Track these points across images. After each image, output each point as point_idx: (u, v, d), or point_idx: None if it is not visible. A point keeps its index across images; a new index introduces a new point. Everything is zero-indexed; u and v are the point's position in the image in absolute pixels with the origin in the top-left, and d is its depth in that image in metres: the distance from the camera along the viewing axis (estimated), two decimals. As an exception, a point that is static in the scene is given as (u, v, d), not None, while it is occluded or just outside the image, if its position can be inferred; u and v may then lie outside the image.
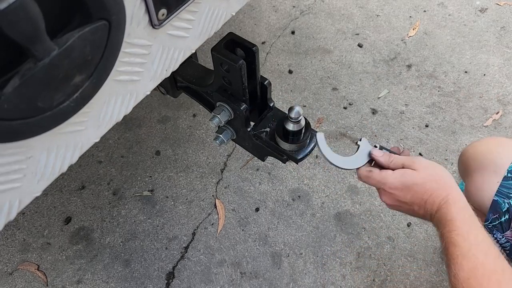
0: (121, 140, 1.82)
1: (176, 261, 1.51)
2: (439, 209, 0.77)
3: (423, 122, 1.81)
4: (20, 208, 0.54)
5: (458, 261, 0.68)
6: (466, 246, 0.69)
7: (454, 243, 0.70)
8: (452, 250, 0.70)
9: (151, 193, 1.67)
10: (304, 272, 1.48)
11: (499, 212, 0.96)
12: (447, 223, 0.74)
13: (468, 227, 0.72)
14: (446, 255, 0.71)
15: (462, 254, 0.68)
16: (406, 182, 0.81)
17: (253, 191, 1.66)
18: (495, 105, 1.84)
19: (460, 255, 0.68)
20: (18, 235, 1.58)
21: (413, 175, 0.81)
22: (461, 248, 0.69)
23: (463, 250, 0.69)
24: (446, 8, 2.24)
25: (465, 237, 0.70)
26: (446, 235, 0.72)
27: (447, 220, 0.74)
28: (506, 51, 2.03)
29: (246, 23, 2.24)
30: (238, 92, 0.91)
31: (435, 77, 1.96)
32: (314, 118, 1.85)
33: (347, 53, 2.08)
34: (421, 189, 0.80)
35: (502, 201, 0.96)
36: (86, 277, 1.49)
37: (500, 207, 0.96)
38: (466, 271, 0.67)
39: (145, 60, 0.62)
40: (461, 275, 0.67)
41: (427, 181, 0.80)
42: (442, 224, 0.75)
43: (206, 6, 0.69)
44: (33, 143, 0.51)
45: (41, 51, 0.43)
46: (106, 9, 0.48)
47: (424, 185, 0.80)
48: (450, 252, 0.70)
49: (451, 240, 0.71)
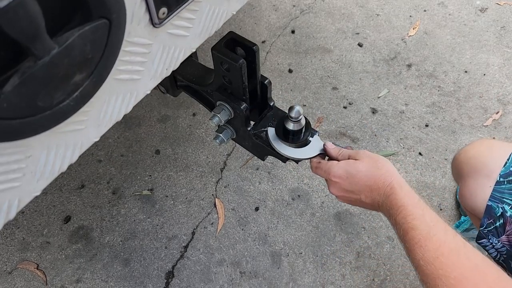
0: (120, 139, 1.81)
1: (175, 260, 1.51)
2: (387, 195, 0.78)
3: (423, 121, 1.81)
4: (19, 207, 0.54)
5: (422, 244, 0.69)
6: (425, 228, 0.70)
7: (413, 227, 0.71)
8: (412, 234, 0.70)
9: (150, 192, 1.66)
10: (303, 271, 1.47)
11: (494, 217, 0.96)
12: (399, 208, 0.75)
13: (421, 210, 0.74)
14: (407, 241, 0.72)
15: (424, 236, 0.69)
16: (350, 170, 0.84)
17: (252, 190, 1.66)
18: (495, 105, 1.84)
19: (422, 238, 0.69)
20: (18, 234, 1.58)
21: (356, 163, 0.84)
22: (421, 230, 0.70)
23: (423, 232, 0.70)
24: (446, 7, 2.24)
25: (421, 220, 0.71)
26: (402, 221, 0.73)
27: (399, 206, 0.75)
28: (506, 51, 2.03)
29: (246, 22, 2.23)
30: (238, 91, 0.91)
31: (435, 76, 1.96)
32: (314, 117, 1.84)
33: (347, 53, 2.07)
34: (365, 176, 0.82)
35: (496, 206, 0.96)
36: (86, 276, 1.49)
37: (494, 212, 0.96)
38: (432, 251, 0.67)
39: (145, 59, 0.62)
40: (428, 255, 0.67)
41: (370, 167, 0.82)
42: (395, 211, 0.75)
43: (207, 5, 0.69)
44: (32, 142, 0.51)
45: (41, 50, 0.43)
46: (106, 8, 0.48)
47: (367, 172, 0.82)
48: (411, 236, 0.71)
49: (409, 225, 0.72)
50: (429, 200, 1.59)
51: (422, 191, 1.62)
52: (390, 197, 0.77)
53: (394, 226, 0.77)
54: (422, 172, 1.67)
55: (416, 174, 1.66)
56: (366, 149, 1.74)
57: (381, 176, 0.81)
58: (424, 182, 1.64)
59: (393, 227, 0.78)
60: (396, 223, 0.75)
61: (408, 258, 0.74)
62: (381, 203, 0.80)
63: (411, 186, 0.81)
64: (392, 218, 0.77)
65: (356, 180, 0.83)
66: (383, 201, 0.79)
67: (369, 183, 0.81)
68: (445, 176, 1.65)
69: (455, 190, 1.61)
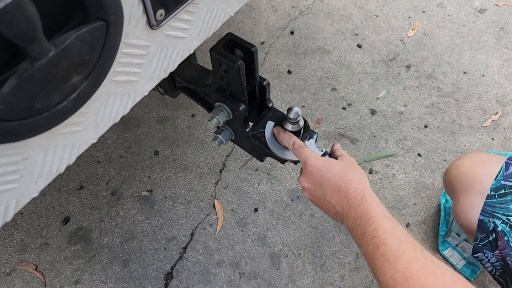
0: (119, 140, 1.81)
1: (174, 261, 1.51)
2: (358, 204, 0.74)
3: (422, 122, 1.81)
4: (17, 209, 0.54)
5: (391, 261, 0.65)
6: (395, 244, 0.67)
7: (383, 242, 0.67)
8: (382, 250, 0.67)
9: (149, 193, 1.66)
10: (302, 272, 1.47)
11: (486, 232, 0.96)
12: (370, 219, 0.71)
13: (391, 223, 0.70)
14: (376, 257, 0.67)
15: (393, 253, 0.66)
16: (327, 164, 0.81)
17: (252, 191, 1.66)
18: (494, 106, 1.84)
19: (391, 255, 0.66)
20: (16, 235, 1.58)
21: (336, 161, 0.82)
22: (391, 246, 0.67)
23: (393, 249, 0.66)
24: (445, 8, 2.24)
25: (391, 234, 0.68)
26: (372, 233, 0.69)
27: (370, 217, 0.71)
28: (505, 52, 2.03)
29: (245, 23, 2.23)
30: (237, 92, 0.91)
31: (434, 77, 1.96)
32: (313, 118, 1.84)
33: (346, 54, 2.07)
34: (337, 175, 0.79)
35: (488, 220, 0.95)
36: (84, 278, 1.49)
37: (486, 226, 0.96)
38: (401, 271, 0.64)
39: (143, 61, 0.62)
40: (398, 276, 0.64)
41: (346, 169, 0.80)
42: (365, 221, 0.71)
43: (205, 6, 0.69)
44: (30, 144, 0.51)
45: (38, 52, 0.43)
46: (104, 9, 0.48)
47: (341, 172, 0.79)
48: (381, 252, 0.67)
49: (380, 239, 0.68)
50: (428, 201, 1.60)
51: (421, 192, 1.62)
52: (360, 206, 0.74)
53: (361, 239, 0.72)
54: (421, 173, 1.67)
55: (415, 175, 1.66)
56: (365, 150, 1.74)
57: (353, 181, 0.78)
58: (423, 183, 1.64)
59: (358, 240, 0.73)
60: (365, 236, 0.71)
61: (374, 277, 0.69)
62: (347, 210, 0.76)
63: (410, 187, 0.80)
64: (359, 228, 0.72)
65: (328, 175, 0.80)
66: (349, 208, 0.75)
67: (339, 184, 0.78)
68: (444, 177, 1.65)
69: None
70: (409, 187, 1.63)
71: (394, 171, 1.68)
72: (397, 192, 1.62)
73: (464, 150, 1.72)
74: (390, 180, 1.66)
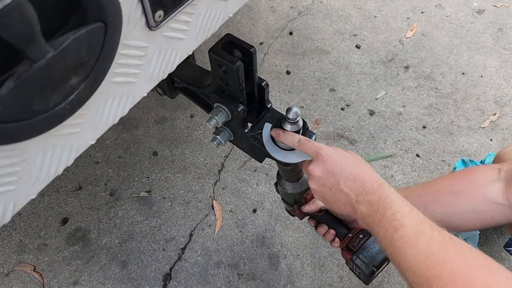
0: (118, 141, 1.81)
1: (173, 262, 1.51)
2: (374, 191, 0.75)
3: (420, 123, 1.82)
4: (15, 210, 0.53)
5: (412, 242, 0.67)
6: (414, 226, 0.68)
7: (402, 224, 0.69)
8: (402, 232, 0.68)
9: (148, 194, 1.66)
10: (301, 273, 1.47)
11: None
12: (389, 204, 0.72)
13: (408, 207, 0.72)
14: (396, 240, 0.69)
15: (413, 234, 0.67)
16: (341, 154, 0.81)
17: (250, 192, 1.66)
18: (492, 107, 1.85)
19: (411, 236, 0.67)
20: (15, 236, 1.58)
21: (347, 152, 0.83)
22: (410, 228, 0.68)
23: (412, 230, 0.68)
24: (443, 9, 2.25)
25: (409, 217, 0.70)
26: (391, 217, 0.71)
27: (387, 202, 0.72)
28: (503, 52, 2.03)
29: (244, 23, 2.23)
30: (236, 93, 0.91)
31: (432, 78, 1.96)
32: (312, 119, 1.85)
33: (344, 54, 2.08)
34: (353, 164, 0.79)
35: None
36: (83, 278, 1.48)
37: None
38: (423, 249, 0.66)
39: (141, 62, 0.62)
40: (419, 254, 0.66)
41: (358, 161, 0.81)
42: (383, 206, 0.73)
43: (204, 7, 0.69)
44: (28, 145, 0.51)
45: (36, 53, 0.43)
46: (102, 11, 0.48)
47: (356, 162, 0.80)
48: (401, 235, 0.68)
49: (399, 222, 0.69)
50: (427, 201, 1.60)
51: (419, 193, 1.62)
52: (378, 192, 0.74)
53: (379, 224, 0.73)
54: (419, 174, 1.67)
55: (413, 175, 1.66)
56: (364, 150, 1.75)
57: (368, 171, 0.78)
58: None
59: (374, 226, 0.74)
60: (383, 220, 0.72)
61: (393, 262, 0.71)
62: (363, 197, 0.76)
63: (409, 188, 0.80)
64: (377, 214, 0.73)
65: (343, 164, 0.79)
66: (365, 195, 0.76)
67: (355, 172, 0.78)
68: (442, 177, 1.65)
69: None
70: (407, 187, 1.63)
71: (393, 172, 1.68)
72: (395, 192, 1.62)
73: (462, 151, 1.72)
74: (389, 180, 1.66)
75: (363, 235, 1.05)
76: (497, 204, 0.99)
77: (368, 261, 1.00)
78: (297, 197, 1.09)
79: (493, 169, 1.05)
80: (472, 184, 1.05)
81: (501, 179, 1.01)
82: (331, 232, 1.09)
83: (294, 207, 1.14)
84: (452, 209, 1.04)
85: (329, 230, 1.09)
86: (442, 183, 1.10)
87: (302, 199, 1.10)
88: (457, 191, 1.05)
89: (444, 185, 1.09)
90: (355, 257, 1.02)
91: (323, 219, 1.12)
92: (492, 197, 1.00)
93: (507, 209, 0.99)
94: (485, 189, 1.02)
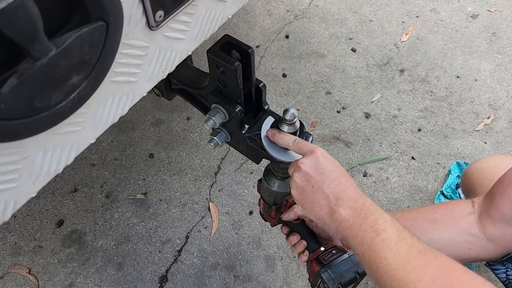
0: (114, 143, 1.81)
1: (169, 264, 1.51)
2: (359, 197, 0.77)
3: (415, 126, 1.83)
4: (15, 208, 0.54)
5: (393, 247, 0.69)
6: (396, 231, 0.71)
7: (385, 229, 0.72)
8: (384, 236, 0.71)
9: (144, 196, 1.66)
10: (297, 275, 1.48)
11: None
12: (370, 211, 0.75)
13: (389, 216, 0.74)
14: (377, 244, 0.71)
15: (395, 240, 0.70)
16: (334, 159, 0.84)
17: (246, 194, 1.66)
18: (487, 110, 1.86)
19: (393, 241, 0.70)
20: (10, 238, 1.57)
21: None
22: (392, 233, 0.71)
23: (394, 236, 0.70)
24: (438, 13, 2.27)
25: (392, 224, 0.72)
26: (373, 222, 0.73)
27: (370, 209, 0.75)
28: (497, 56, 2.06)
29: (241, 26, 2.24)
30: (233, 94, 0.91)
31: (427, 81, 1.98)
32: (308, 121, 1.85)
33: (340, 58, 2.09)
34: (343, 171, 0.82)
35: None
36: (78, 281, 1.48)
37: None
38: (403, 254, 0.68)
39: (142, 61, 0.62)
40: (400, 259, 0.68)
41: (348, 174, 0.83)
42: (365, 211, 0.75)
43: (203, 8, 0.69)
44: (29, 143, 0.51)
45: (39, 51, 0.43)
46: (104, 10, 0.48)
47: (346, 172, 0.82)
48: (382, 238, 0.71)
49: (381, 227, 0.72)
50: (422, 204, 1.61)
51: (414, 195, 1.63)
52: (361, 200, 0.77)
53: (359, 228, 0.74)
54: (414, 176, 1.68)
55: (409, 178, 1.68)
56: (360, 153, 1.76)
57: (354, 184, 0.81)
58: (417, 186, 1.65)
59: (353, 230, 0.75)
60: (364, 224, 0.74)
61: (370, 266, 0.72)
62: (344, 201, 0.78)
63: (404, 190, 0.81)
64: (358, 218, 0.75)
65: (334, 167, 0.81)
66: (347, 200, 0.78)
67: (342, 179, 0.80)
68: (437, 180, 1.67)
69: None
70: (403, 190, 1.64)
71: (388, 174, 1.69)
72: (391, 195, 1.63)
73: (457, 153, 1.74)
74: (384, 183, 1.67)
75: (336, 251, 1.03)
76: (474, 235, 1.02)
77: (335, 276, 0.97)
78: (279, 197, 1.08)
79: (467, 203, 1.08)
80: (451, 214, 1.08)
81: (475, 212, 1.05)
82: (302, 243, 1.08)
83: (271, 209, 1.13)
84: (430, 235, 1.06)
85: (301, 241, 1.08)
86: (422, 211, 1.14)
87: (283, 200, 1.09)
88: (436, 219, 1.08)
89: (424, 212, 1.12)
90: (323, 269, 0.99)
91: (298, 228, 1.10)
92: (470, 229, 1.03)
93: (483, 242, 1.02)
94: (463, 220, 1.05)
